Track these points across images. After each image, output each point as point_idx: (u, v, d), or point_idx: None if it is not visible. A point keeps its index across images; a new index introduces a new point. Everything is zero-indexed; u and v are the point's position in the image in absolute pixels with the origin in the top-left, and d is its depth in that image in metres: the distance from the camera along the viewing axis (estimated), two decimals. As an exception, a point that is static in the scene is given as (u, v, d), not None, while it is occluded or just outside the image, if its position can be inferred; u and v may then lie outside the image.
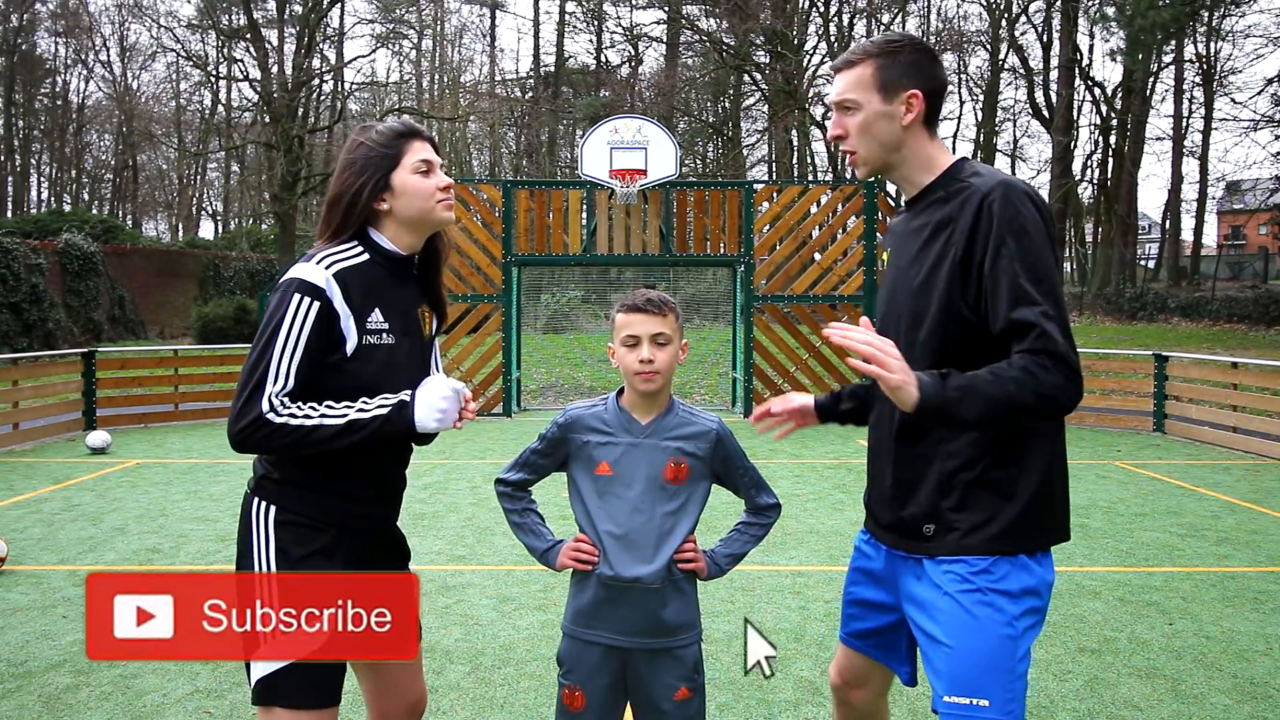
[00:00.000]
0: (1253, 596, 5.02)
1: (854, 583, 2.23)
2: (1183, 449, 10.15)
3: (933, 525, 1.96)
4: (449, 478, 8.17)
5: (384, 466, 2.15)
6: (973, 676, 1.84)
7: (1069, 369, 1.78)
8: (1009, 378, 1.77)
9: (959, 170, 2.00)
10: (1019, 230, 1.83)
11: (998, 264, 1.83)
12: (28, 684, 3.83)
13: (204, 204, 50.74)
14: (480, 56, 46.77)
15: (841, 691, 2.32)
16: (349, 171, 2.09)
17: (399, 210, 2.11)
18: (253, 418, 1.93)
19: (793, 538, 6.17)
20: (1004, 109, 37.82)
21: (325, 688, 2.02)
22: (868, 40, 2.07)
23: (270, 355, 1.95)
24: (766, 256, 12.77)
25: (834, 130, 2.05)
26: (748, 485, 2.28)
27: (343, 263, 2.04)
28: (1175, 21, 22.82)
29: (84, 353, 11.49)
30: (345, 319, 2.01)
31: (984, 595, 1.87)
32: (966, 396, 1.77)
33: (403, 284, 2.15)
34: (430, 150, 2.14)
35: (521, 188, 12.87)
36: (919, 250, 1.99)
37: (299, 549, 2.02)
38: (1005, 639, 1.85)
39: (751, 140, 39.13)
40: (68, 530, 6.38)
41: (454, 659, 4.09)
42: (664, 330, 2.15)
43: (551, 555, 2.23)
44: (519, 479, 2.30)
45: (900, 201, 2.32)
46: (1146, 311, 27.44)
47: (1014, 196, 1.85)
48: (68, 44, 44.51)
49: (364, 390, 2.03)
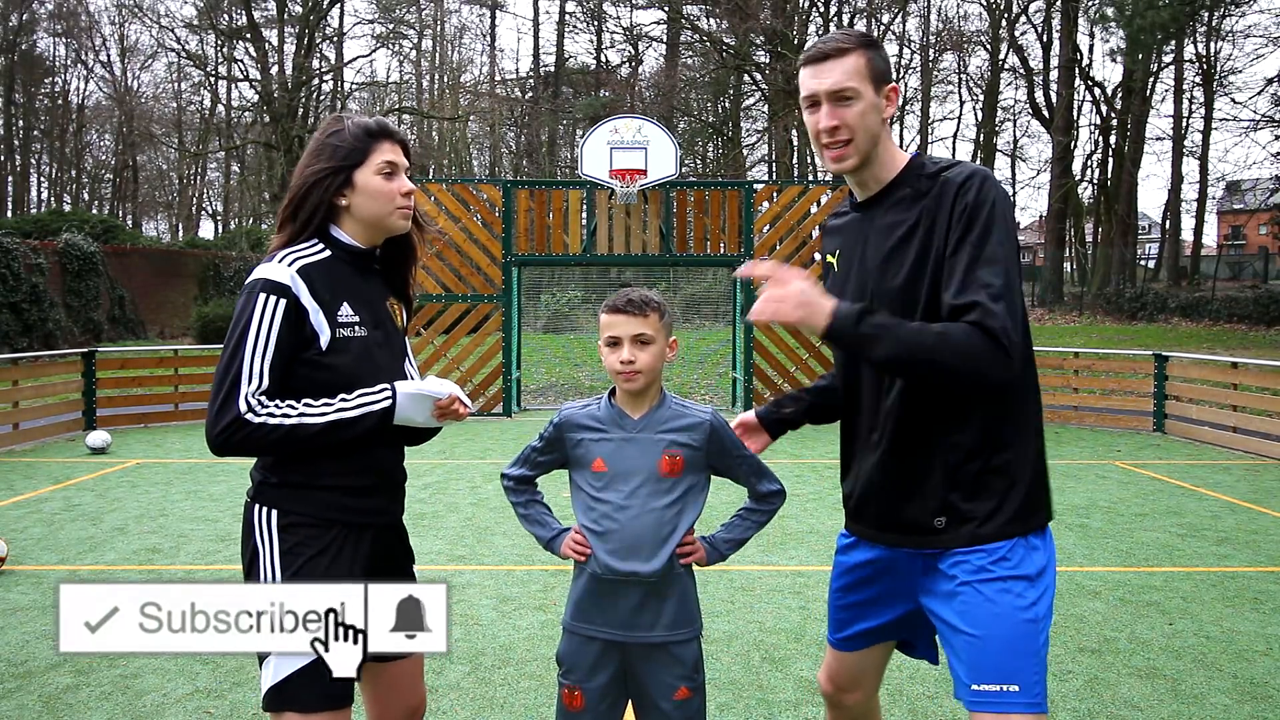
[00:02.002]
0: (1253, 596, 5.02)
1: (845, 587, 2.20)
2: (1183, 449, 10.15)
3: (944, 518, 1.96)
4: (449, 478, 8.17)
5: (380, 455, 2.14)
6: (1001, 663, 1.86)
7: (999, 341, 1.79)
8: (934, 331, 1.82)
9: (922, 167, 2.00)
10: (985, 216, 1.87)
11: (959, 249, 1.87)
12: (28, 684, 3.83)
13: (204, 204, 50.77)
14: (480, 56, 46.83)
15: (834, 697, 2.31)
16: (316, 160, 2.09)
17: (356, 208, 2.11)
18: (230, 419, 1.92)
19: (793, 538, 6.18)
20: (1004, 109, 37.85)
21: (337, 690, 2.01)
22: (840, 31, 2.03)
23: (241, 355, 1.95)
24: (766, 256, 12.75)
25: (829, 121, 1.95)
26: (747, 473, 2.26)
27: (305, 259, 2.04)
28: (1175, 21, 22.83)
29: (84, 353, 11.49)
30: (315, 314, 2.01)
31: (1004, 583, 1.90)
32: (883, 334, 1.82)
33: (367, 277, 2.16)
34: (399, 153, 2.13)
35: (521, 188, 12.87)
36: (893, 248, 1.97)
37: (305, 550, 2.02)
38: (1028, 623, 1.88)
39: (751, 140, 39.16)
40: (68, 530, 6.38)
41: (454, 659, 4.09)
42: (645, 330, 2.15)
43: (557, 543, 2.24)
44: (521, 474, 2.33)
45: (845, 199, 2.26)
46: (1146, 311, 27.44)
47: (987, 185, 1.90)
48: (68, 44, 44.53)
49: (344, 383, 2.03)
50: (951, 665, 1.96)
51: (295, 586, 1.97)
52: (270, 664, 1.98)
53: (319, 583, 1.99)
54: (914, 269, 1.93)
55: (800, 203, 12.96)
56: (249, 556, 2.05)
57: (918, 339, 1.81)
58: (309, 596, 1.96)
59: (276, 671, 1.96)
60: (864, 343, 1.83)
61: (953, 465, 1.95)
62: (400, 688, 2.26)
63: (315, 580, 2.00)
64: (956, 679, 1.93)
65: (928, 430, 1.97)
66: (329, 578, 2.02)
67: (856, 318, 1.83)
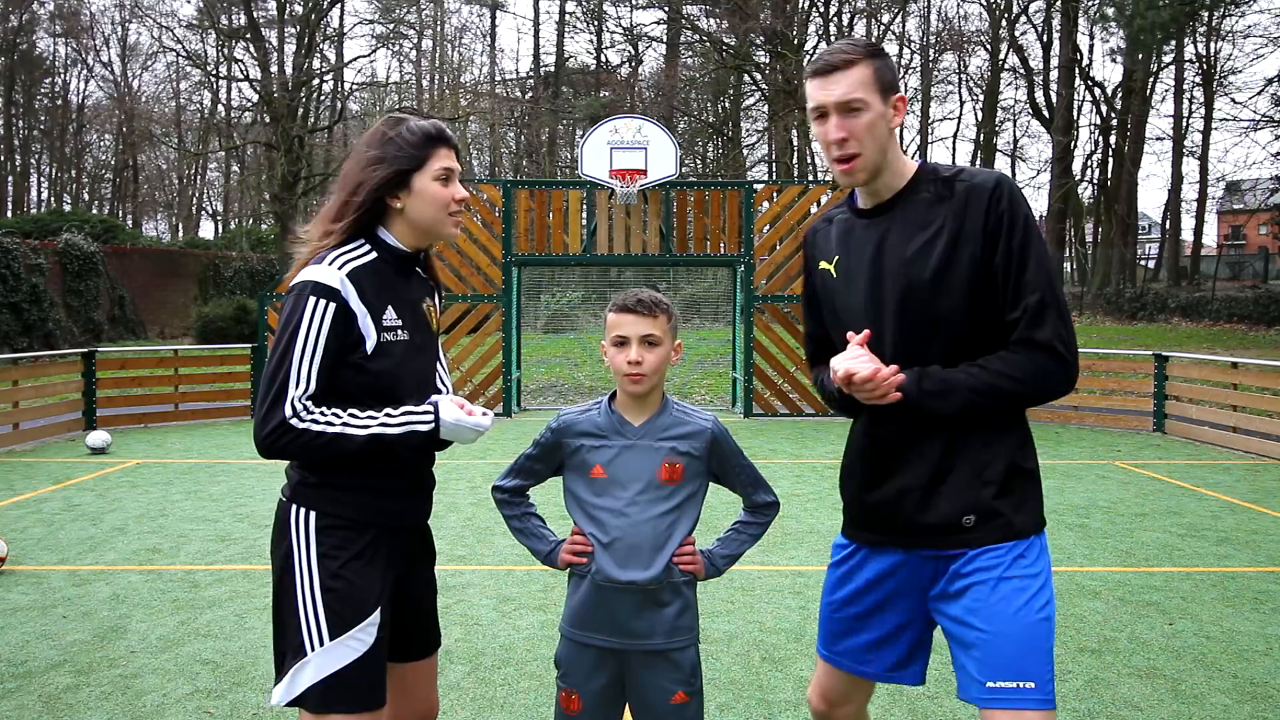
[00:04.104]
0: (1253, 596, 5.02)
1: (844, 599, 2.16)
2: (1183, 449, 10.15)
3: (973, 516, 1.97)
4: (449, 478, 8.17)
5: (415, 461, 2.15)
6: (1017, 660, 1.88)
7: (1063, 358, 1.92)
8: (997, 368, 1.93)
9: (935, 172, 2.03)
10: (1027, 225, 1.95)
11: (1010, 258, 1.93)
12: (28, 684, 3.83)
13: (204, 204, 50.82)
14: (480, 56, 46.75)
15: (826, 714, 2.27)
16: (376, 164, 2.07)
17: (410, 211, 2.10)
18: (277, 423, 1.93)
19: (793, 538, 6.17)
20: (1004, 109, 37.88)
21: (379, 688, 2.04)
22: (847, 41, 2.04)
23: (290, 360, 1.95)
24: (766, 256, 12.76)
25: (838, 133, 1.95)
26: (745, 483, 2.26)
27: (354, 262, 2.04)
28: (1175, 21, 22.83)
29: (84, 353, 11.49)
30: (363, 318, 2.01)
31: (1018, 581, 1.93)
32: (949, 390, 1.93)
33: (408, 280, 2.16)
34: (454, 159, 2.13)
35: (521, 188, 12.87)
36: (922, 246, 1.98)
37: (342, 554, 2.02)
38: (1043, 621, 1.91)
39: (751, 140, 39.18)
40: (68, 530, 6.38)
41: (454, 659, 4.09)
42: (654, 331, 2.14)
43: (554, 556, 2.23)
44: (515, 485, 2.30)
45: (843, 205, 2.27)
46: (1146, 311, 27.45)
47: (1016, 194, 1.96)
48: (68, 44, 44.53)
49: (384, 387, 2.04)
50: (959, 663, 1.96)
51: (335, 588, 1.99)
52: (310, 665, 1.98)
53: (357, 585, 2.02)
54: (944, 263, 1.96)
55: (800, 203, 12.96)
56: (283, 555, 2.05)
57: (979, 381, 1.92)
58: (348, 598, 2.00)
59: (318, 671, 1.97)
60: (930, 400, 1.94)
61: (983, 464, 1.98)
62: (415, 692, 2.27)
63: (354, 583, 2.01)
64: (966, 677, 1.93)
65: (958, 434, 1.99)
66: (366, 579, 2.03)
67: (917, 378, 1.94)
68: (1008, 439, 2.00)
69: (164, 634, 4.40)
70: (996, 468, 1.98)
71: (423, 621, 2.26)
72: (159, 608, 4.78)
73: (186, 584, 5.19)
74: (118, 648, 4.23)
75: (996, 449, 1.98)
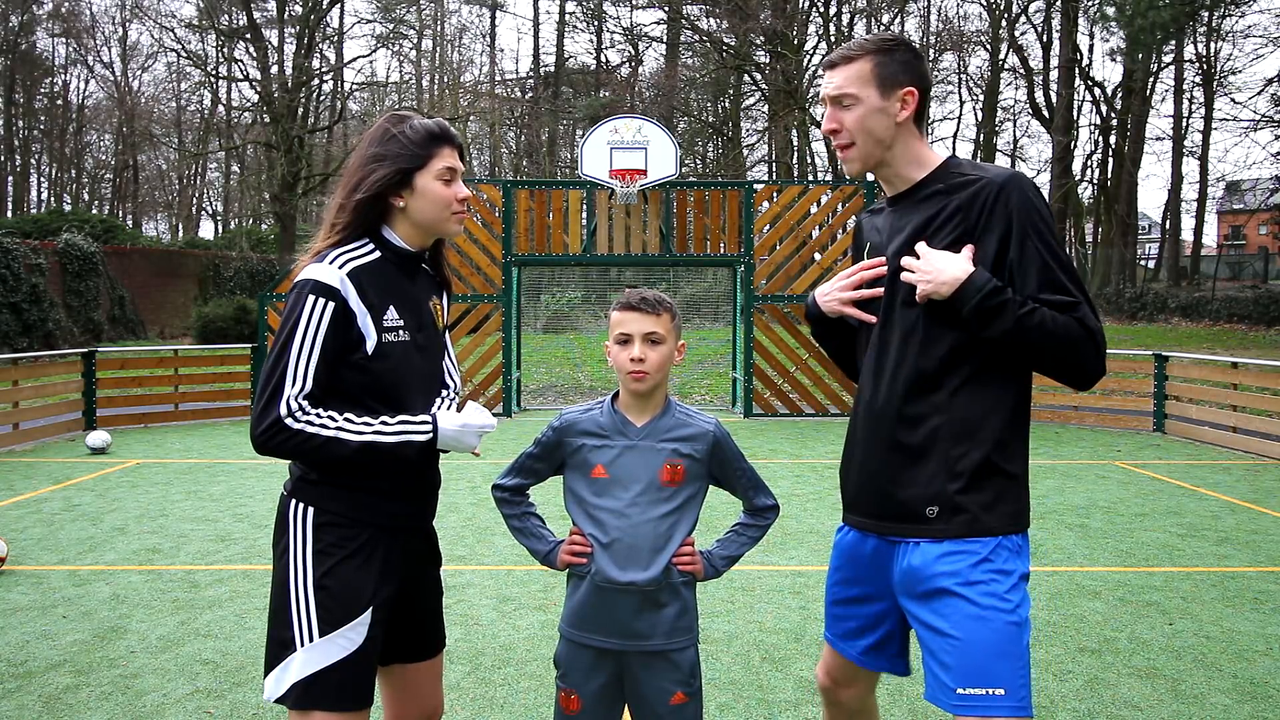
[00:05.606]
0: (1253, 596, 5.02)
1: (838, 582, 2.22)
2: (1183, 449, 10.15)
3: (935, 507, 1.97)
4: (449, 478, 8.16)
5: (417, 462, 2.14)
6: (985, 666, 1.84)
7: (1096, 341, 1.92)
8: (1061, 320, 1.90)
9: (954, 165, 2.07)
10: (1041, 221, 1.95)
11: (1025, 253, 1.94)
12: (28, 684, 3.83)
13: (204, 204, 50.77)
14: (480, 57, 46.74)
15: (831, 692, 2.32)
16: (378, 162, 2.07)
17: (413, 211, 2.10)
18: (271, 421, 1.94)
19: (793, 538, 6.17)
20: (1004, 109, 37.83)
21: (364, 688, 2.03)
22: (862, 37, 2.09)
23: (287, 358, 1.95)
24: (766, 256, 12.76)
25: (829, 124, 2.06)
26: (745, 487, 2.26)
27: (355, 261, 2.03)
28: (1175, 21, 22.84)
29: (84, 353, 11.49)
30: (362, 318, 2.00)
31: (987, 585, 1.89)
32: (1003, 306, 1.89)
33: (413, 279, 2.16)
34: (457, 158, 2.13)
35: (521, 188, 12.87)
36: (928, 236, 2.01)
37: (338, 551, 2.02)
38: (1012, 625, 1.87)
39: (751, 140, 39.13)
40: (68, 530, 6.38)
41: (454, 659, 4.09)
42: (657, 329, 2.14)
43: (553, 556, 2.23)
44: (515, 484, 2.30)
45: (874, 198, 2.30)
46: (1146, 311, 27.45)
47: (1030, 189, 1.97)
48: (68, 44, 44.50)
49: (387, 388, 2.04)
50: (929, 669, 1.94)
51: (327, 586, 1.99)
52: (296, 660, 1.98)
53: (350, 583, 2.01)
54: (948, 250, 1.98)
55: (800, 203, 12.96)
56: (281, 549, 2.06)
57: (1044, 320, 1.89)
58: (340, 596, 2.00)
59: (304, 667, 1.97)
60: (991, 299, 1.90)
61: (954, 457, 1.96)
62: (420, 691, 2.27)
63: (347, 581, 2.01)
64: (936, 683, 1.92)
65: (926, 418, 1.99)
66: (359, 579, 2.03)
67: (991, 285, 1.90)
68: (987, 438, 1.97)
69: (164, 634, 4.40)
70: (967, 463, 1.95)
71: (428, 622, 2.26)
72: (159, 608, 4.78)
73: (186, 584, 5.20)
74: (118, 648, 4.23)
75: (972, 446, 1.96)
